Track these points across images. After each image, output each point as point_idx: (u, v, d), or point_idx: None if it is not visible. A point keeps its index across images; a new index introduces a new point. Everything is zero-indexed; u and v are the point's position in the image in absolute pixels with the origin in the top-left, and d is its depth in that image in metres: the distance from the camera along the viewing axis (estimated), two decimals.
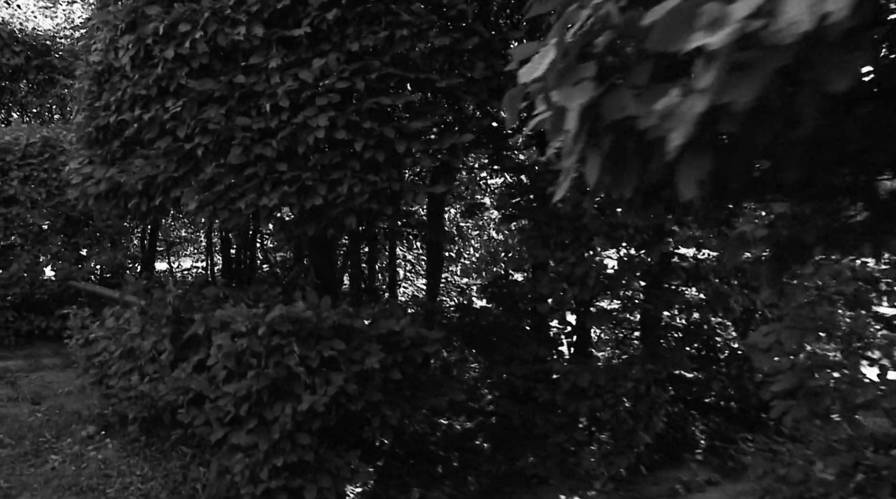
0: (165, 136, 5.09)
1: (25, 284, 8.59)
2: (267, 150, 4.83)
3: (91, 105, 5.58)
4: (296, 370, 4.57)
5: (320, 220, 4.99)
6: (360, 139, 4.82)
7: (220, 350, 4.75)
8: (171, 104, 5.01)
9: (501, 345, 5.86)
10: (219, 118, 4.88)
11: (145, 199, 5.23)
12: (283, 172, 4.84)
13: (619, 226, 5.29)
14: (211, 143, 4.93)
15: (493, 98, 5.31)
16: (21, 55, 11.39)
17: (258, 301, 5.18)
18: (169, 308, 5.28)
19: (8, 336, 8.79)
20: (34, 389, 7.31)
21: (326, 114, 4.77)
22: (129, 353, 5.75)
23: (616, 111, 1.41)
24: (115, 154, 5.49)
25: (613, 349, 7.69)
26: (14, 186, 8.66)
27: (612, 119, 1.41)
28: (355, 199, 4.85)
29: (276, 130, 4.87)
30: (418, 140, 4.98)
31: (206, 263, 13.77)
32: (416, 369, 5.11)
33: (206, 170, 4.90)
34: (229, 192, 4.90)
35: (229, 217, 4.90)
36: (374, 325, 4.87)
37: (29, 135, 8.91)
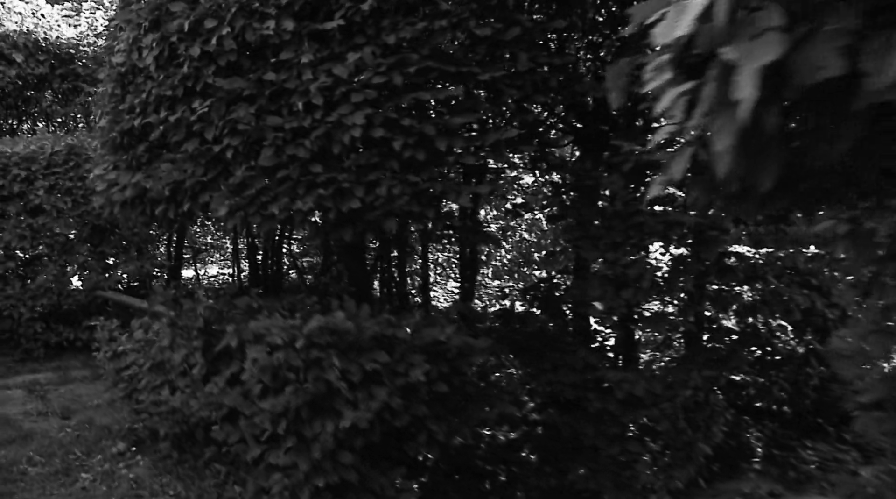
0: (192, 138, 4.75)
1: (53, 295, 8.31)
2: (300, 150, 4.47)
3: (115, 108, 5.25)
4: (336, 385, 4.20)
5: (357, 224, 4.63)
6: (398, 137, 4.44)
7: (254, 364, 4.40)
8: (198, 105, 4.67)
9: (548, 352, 5.46)
10: (248, 118, 4.52)
11: (173, 205, 4.89)
12: (318, 174, 4.47)
13: (674, 224, 4.88)
14: (241, 144, 4.58)
15: (536, 92, 4.92)
16: (45, 64, 11.14)
17: (293, 311, 4.82)
18: (199, 320, 4.94)
19: (37, 348, 8.51)
20: (64, 402, 7.01)
21: (362, 111, 4.41)
22: (159, 366, 5.42)
23: (811, 71, 1.03)
24: (141, 159, 5.15)
25: (653, 352, 7.27)
26: (40, 196, 8.39)
27: (808, 81, 1.02)
28: (395, 201, 4.48)
29: (310, 130, 4.51)
30: (460, 137, 4.61)
31: (233, 270, 13.48)
32: (463, 381, 4.73)
33: (237, 173, 4.55)
34: (261, 196, 4.54)
35: (261, 222, 4.55)
36: (417, 334, 4.49)
37: (54, 143, 8.62)
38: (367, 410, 4.25)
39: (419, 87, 4.58)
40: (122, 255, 8.92)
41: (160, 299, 5.46)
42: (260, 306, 4.87)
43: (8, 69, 10.83)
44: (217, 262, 14.62)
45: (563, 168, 5.42)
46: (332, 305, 4.88)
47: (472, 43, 4.70)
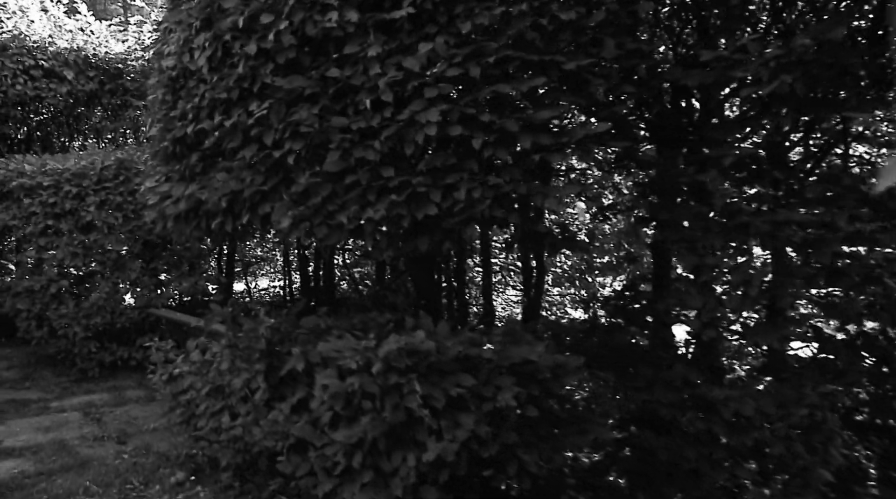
0: (250, 144, 4.26)
1: (107, 314, 7.92)
2: (369, 153, 3.95)
3: (166, 116, 4.79)
4: (419, 413, 3.65)
5: (434, 232, 4.09)
6: (478, 135, 3.90)
7: (325, 391, 3.87)
8: (256, 107, 4.18)
9: (640, 368, 4.85)
10: (311, 120, 4.02)
11: (230, 217, 4.40)
12: (390, 178, 3.95)
13: (783, 224, 4.25)
14: (303, 148, 4.08)
15: (624, 82, 4.34)
16: (95, 80, 10.84)
17: (365, 330, 4.28)
18: (261, 341, 4.43)
19: (92, 368, 8.13)
20: (119, 426, 6.58)
21: (437, 107, 3.87)
22: (218, 390, 4.93)
23: None
24: (195, 169, 4.68)
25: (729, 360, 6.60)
26: (91, 212, 8.01)
27: None
28: (476, 206, 3.93)
29: (379, 130, 3.98)
30: (546, 133, 4.04)
31: (284, 283, 13.06)
32: (553, 404, 4.15)
33: (300, 180, 4.04)
34: (327, 204, 4.03)
35: (328, 234, 4.03)
36: (504, 353, 3.93)
37: (104, 158, 8.25)
38: (453, 440, 3.69)
39: (498, 80, 4.03)
40: (174, 271, 8.50)
41: (218, 318, 4.97)
42: (329, 326, 4.34)
43: (59, 87, 10.55)
44: (267, 274, 14.21)
45: (651, 166, 4.82)
46: (407, 323, 4.34)
47: (555, 29, 4.13)
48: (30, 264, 8.39)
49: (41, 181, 8.19)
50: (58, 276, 8.12)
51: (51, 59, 10.56)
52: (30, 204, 8.21)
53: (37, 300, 8.09)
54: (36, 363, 8.89)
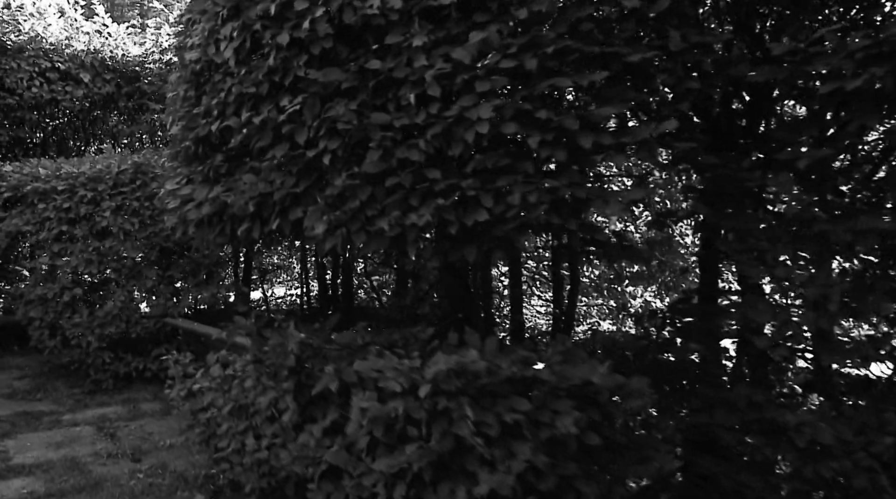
0: (281, 142, 3.84)
1: (121, 323, 7.51)
2: (413, 153, 3.53)
3: (188, 113, 4.38)
4: (471, 442, 3.21)
5: (483, 240, 3.65)
6: (534, 133, 3.47)
7: (363, 415, 3.44)
8: (287, 102, 3.76)
9: (697, 388, 4.40)
10: (349, 116, 3.60)
11: (258, 222, 3.98)
12: (436, 181, 3.52)
13: (866, 233, 3.80)
14: (340, 147, 3.66)
15: (688, 77, 3.91)
16: (112, 83, 10.48)
17: (407, 347, 3.85)
18: (290, 357, 4.00)
19: (106, 379, 7.72)
20: (134, 442, 6.16)
21: (490, 102, 3.46)
22: (242, 409, 4.50)
23: None
24: (219, 170, 4.27)
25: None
26: (107, 217, 7.61)
27: None
28: (531, 211, 3.50)
29: (424, 127, 3.57)
30: (606, 132, 3.61)
31: (301, 291, 12.66)
32: (613, 429, 3.71)
33: (336, 182, 3.62)
34: (366, 209, 3.61)
35: (367, 241, 3.60)
36: (563, 374, 3.48)
37: (120, 162, 7.86)
38: (508, 471, 3.25)
39: (555, 73, 3.60)
40: (191, 279, 8.08)
41: (241, 331, 4.55)
42: (366, 342, 3.90)
43: (75, 89, 10.19)
44: (284, 282, 13.80)
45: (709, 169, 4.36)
46: (450, 338, 3.90)
47: (618, 18, 3.71)
48: (44, 271, 8.00)
49: (56, 186, 7.81)
50: (71, 283, 7.72)
51: (67, 61, 10.21)
52: (44, 209, 7.83)
53: (50, 309, 7.69)
54: (49, 373, 8.50)
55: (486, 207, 3.49)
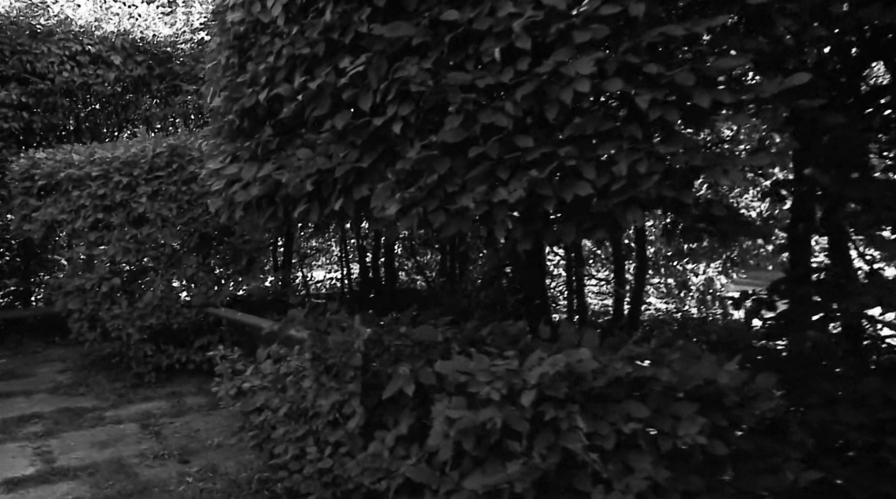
0: (341, 110, 3.27)
1: (162, 313, 7.04)
2: (499, 117, 2.95)
3: (231, 82, 3.83)
4: (583, 457, 2.65)
5: (582, 218, 3.07)
6: (643, 91, 2.86)
7: (450, 425, 2.88)
8: (349, 64, 3.19)
9: (814, 381, 3.79)
10: (422, 76, 3.02)
11: (316, 203, 3.41)
12: (529, 149, 2.93)
13: None
14: (413, 114, 3.08)
15: (815, 22, 3.27)
16: (143, 65, 9.97)
17: (498, 345, 3.28)
18: (357, 356, 3.46)
19: (148, 372, 7.28)
20: (180, 441, 5.70)
21: (590, 55, 2.85)
22: (300, 412, 3.99)
23: None
24: (268, 145, 3.72)
25: None
26: (143, 203, 7.12)
27: None
28: (640, 183, 2.89)
29: (512, 87, 2.97)
30: (726, 89, 2.99)
31: (342, 275, 12.15)
32: (740, 436, 3.12)
33: (408, 154, 3.05)
34: (445, 184, 3.03)
35: (447, 222, 3.03)
36: (684, 374, 2.90)
37: (155, 145, 7.34)
38: (626, 490, 2.69)
39: (664, 20, 2.99)
40: (232, 266, 7.59)
41: (297, 323, 4.01)
42: (447, 338, 3.34)
43: (107, 72, 9.71)
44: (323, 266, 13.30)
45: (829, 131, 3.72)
46: (541, 331, 3.33)
47: None
48: (81, 259, 7.55)
49: (90, 171, 7.33)
50: (109, 273, 7.26)
51: (97, 43, 9.72)
52: (78, 196, 7.36)
53: (88, 300, 7.25)
54: (90, 366, 8.09)
55: (587, 178, 2.90)
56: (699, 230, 3.33)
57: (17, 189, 8.08)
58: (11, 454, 5.55)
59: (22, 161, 8.08)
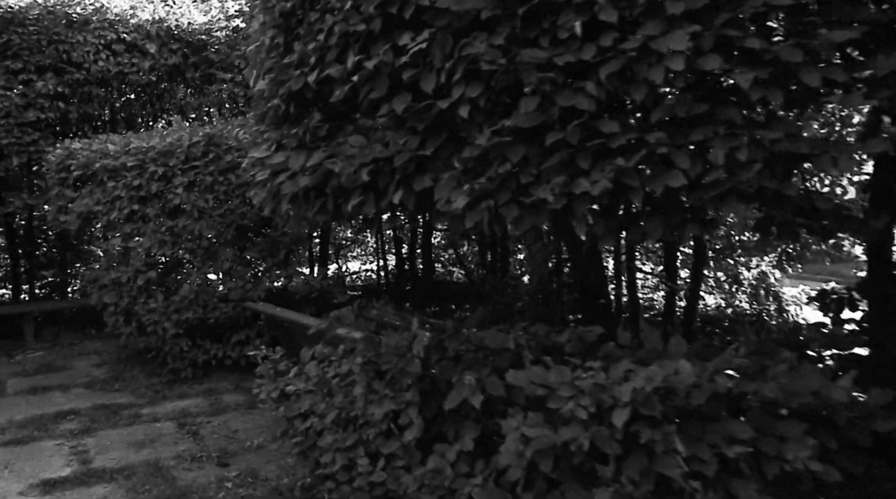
0: (400, 93, 2.95)
1: (198, 308, 6.81)
2: (580, 99, 2.60)
3: (277, 63, 3.51)
4: (682, 484, 2.31)
5: (672, 212, 2.72)
6: (744, 69, 2.50)
7: (524, 444, 2.56)
8: (409, 40, 2.86)
9: None
10: (493, 54, 2.68)
11: (372, 195, 3.10)
12: (613, 135, 2.59)
13: None
14: (481, 96, 2.74)
15: None
16: (178, 53, 9.74)
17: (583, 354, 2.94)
18: (416, 363, 3.15)
19: (184, 368, 7.06)
20: (219, 442, 5.45)
21: (684, 29, 2.49)
22: (349, 420, 3.69)
23: None
24: (317, 132, 3.41)
25: None
26: (179, 194, 6.88)
27: None
28: (739, 173, 2.54)
29: (595, 65, 2.62)
30: (839, 66, 2.61)
31: (377, 267, 11.89)
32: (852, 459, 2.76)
33: (477, 141, 2.71)
34: (519, 174, 2.69)
35: (520, 216, 2.70)
36: (788, 389, 2.54)
37: (191, 134, 7.09)
38: None
39: None
40: (270, 259, 7.32)
41: (347, 322, 3.71)
42: (519, 345, 3.01)
43: (142, 61, 9.49)
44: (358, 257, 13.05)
45: None
46: (620, 338, 2.99)
47: None
48: (117, 250, 7.34)
49: (125, 162, 7.11)
50: (145, 266, 7.04)
51: (133, 32, 9.50)
52: (114, 187, 7.15)
53: (124, 293, 7.04)
54: (126, 360, 7.91)
55: (682, 168, 2.55)
56: (797, 225, 2.96)
57: (54, 180, 7.90)
58: (48, 453, 5.36)
59: (58, 151, 7.89)
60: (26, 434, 5.74)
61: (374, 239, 12.02)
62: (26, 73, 8.97)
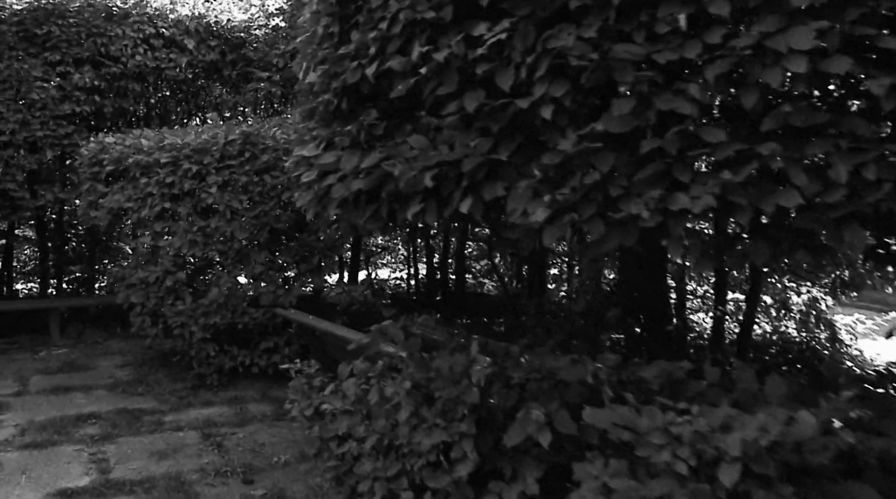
0: (472, 89, 2.63)
1: (227, 312, 6.53)
2: (681, 103, 2.27)
3: (332, 54, 3.21)
4: None
5: (780, 235, 2.37)
6: (878, 75, 2.15)
7: (606, 495, 2.21)
8: (486, 30, 2.54)
9: None
10: (582, 48, 2.35)
11: (434, 202, 2.78)
12: (719, 145, 2.24)
13: None
14: (567, 95, 2.41)
15: None
16: (216, 50, 9.53)
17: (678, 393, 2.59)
18: (473, 392, 2.81)
19: (210, 374, 6.79)
20: (244, 456, 5.15)
21: (808, 26, 2.15)
22: (391, 448, 3.35)
23: None
24: (373, 130, 3.10)
25: None
26: (212, 194, 6.61)
27: None
28: (864, 193, 2.18)
29: (700, 65, 2.28)
30: None
31: (408, 274, 11.59)
32: None
33: (560, 146, 2.39)
34: (607, 185, 2.36)
35: (607, 234, 2.36)
36: None
37: (227, 132, 6.84)
38: None
39: None
40: (303, 264, 7.04)
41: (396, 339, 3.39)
42: (598, 379, 2.66)
43: (179, 57, 9.29)
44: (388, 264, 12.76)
45: None
46: (708, 373, 2.64)
47: None
48: (146, 249, 7.09)
49: (159, 158, 6.87)
50: (174, 266, 6.78)
51: (172, 27, 9.31)
52: (146, 184, 6.90)
53: (151, 294, 6.78)
54: (151, 362, 7.66)
55: (798, 185, 2.20)
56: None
57: (86, 174, 7.69)
58: (67, 460, 5.09)
59: (91, 145, 7.69)
60: (46, 438, 5.49)
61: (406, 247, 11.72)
62: (64, 65, 8.81)
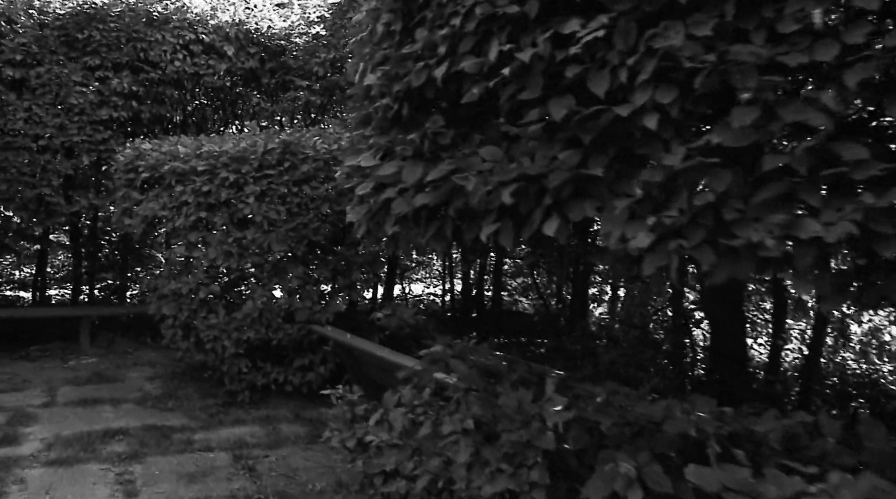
0: (560, 94, 2.31)
1: (261, 327, 6.24)
2: (812, 114, 1.92)
3: (394, 54, 2.90)
4: None
5: None
6: None
7: None
8: (579, 27, 2.22)
9: None
10: (694, 49, 2.02)
11: (510, 221, 2.45)
12: (859, 164, 1.90)
13: None
14: (675, 103, 2.08)
15: None
16: (255, 58, 9.33)
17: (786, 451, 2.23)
18: (548, 437, 2.47)
19: (241, 391, 6.51)
20: (277, 482, 4.84)
21: None
22: (444, 491, 3.01)
23: None
24: (439, 139, 2.79)
25: None
26: (250, 204, 6.36)
27: None
28: None
29: (836, 68, 1.94)
30: None
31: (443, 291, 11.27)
32: None
33: (666, 161, 2.05)
34: (720, 208, 2.01)
35: (718, 264, 2.01)
36: None
37: (266, 141, 6.58)
38: None
39: None
40: (341, 279, 6.74)
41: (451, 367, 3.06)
42: (702, 432, 2.30)
43: (218, 63, 9.12)
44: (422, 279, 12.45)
45: None
46: (823, 426, 2.27)
47: None
48: (180, 259, 6.85)
49: (195, 166, 6.64)
50: (207, 278, 6.53)
51: (211, 33, 9.15)
52: (182, 192, 6.67)
53: (184, 306, 6.53)
54: (181, 375, 7.42)
55: None
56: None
57: (121, 180, 7.49)
58: (92, 479, 4.82)
59: (127, 151, 7.49)
60: (71, 454, 5.23)
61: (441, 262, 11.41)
62: (103, 70, 8.67)
